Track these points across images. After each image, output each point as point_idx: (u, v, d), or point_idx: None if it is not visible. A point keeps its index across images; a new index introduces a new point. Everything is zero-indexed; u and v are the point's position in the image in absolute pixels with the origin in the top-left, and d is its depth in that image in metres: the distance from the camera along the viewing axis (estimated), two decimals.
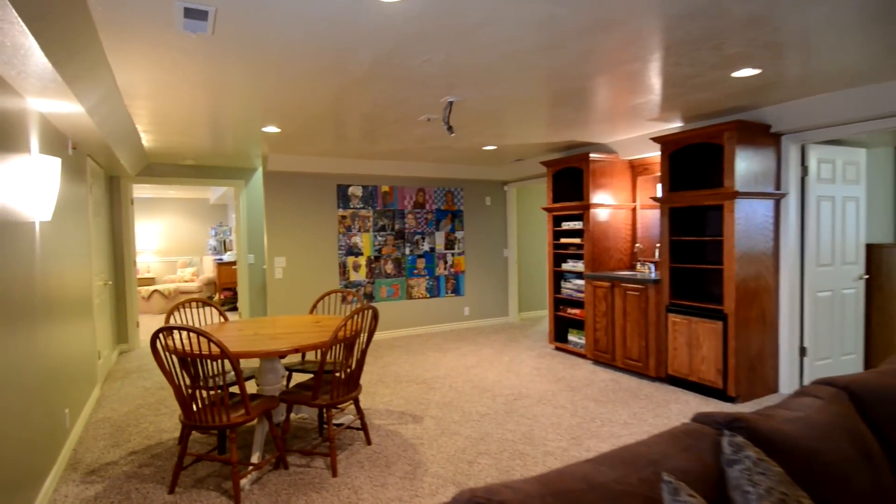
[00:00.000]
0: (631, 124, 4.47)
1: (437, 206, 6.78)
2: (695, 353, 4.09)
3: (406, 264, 6.57)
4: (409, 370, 4.93)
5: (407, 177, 6.51)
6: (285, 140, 4.87)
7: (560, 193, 5.62)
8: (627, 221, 5.29)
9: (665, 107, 3.86)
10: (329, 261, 6.12)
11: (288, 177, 5.87)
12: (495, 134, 4.76)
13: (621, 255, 5.26)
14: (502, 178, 7.09)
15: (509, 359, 5.27)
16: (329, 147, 5.28)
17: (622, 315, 4.66)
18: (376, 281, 6.38)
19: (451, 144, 5.23)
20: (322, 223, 6.07)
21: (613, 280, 4.73)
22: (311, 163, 5.83)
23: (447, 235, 6.86)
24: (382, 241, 6.41)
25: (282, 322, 3.55)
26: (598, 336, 4.92)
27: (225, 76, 2.91)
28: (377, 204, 6.37)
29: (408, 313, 6.63)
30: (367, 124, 4.21)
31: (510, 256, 7.35)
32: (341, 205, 6.16)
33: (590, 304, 5.02)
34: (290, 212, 5.91)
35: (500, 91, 3.28)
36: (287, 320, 3.62)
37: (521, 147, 5.55)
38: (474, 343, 6.05)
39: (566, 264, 5.47)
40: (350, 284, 6.23)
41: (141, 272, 10.63)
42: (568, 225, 5.40)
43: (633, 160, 5.24)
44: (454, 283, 6.94)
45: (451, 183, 6.90)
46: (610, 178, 5.15)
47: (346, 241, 6.19)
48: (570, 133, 4.83)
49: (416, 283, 6.65)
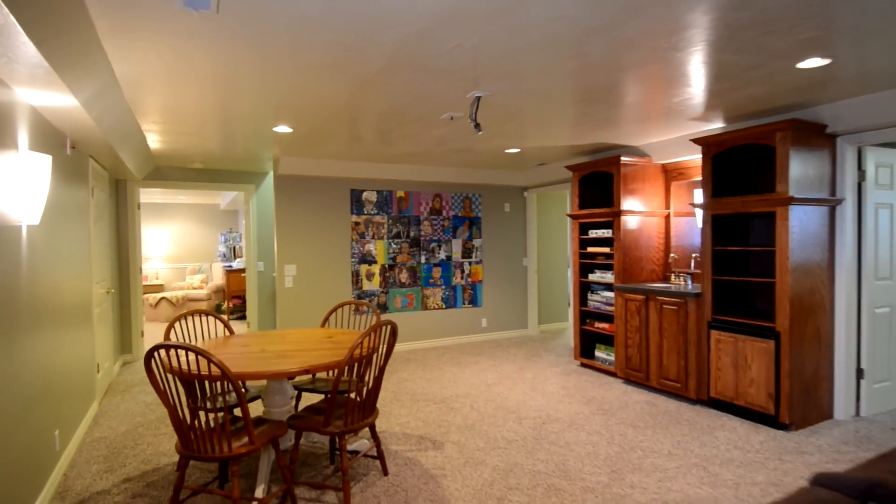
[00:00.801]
0: (666, 125, 4.14)
1: (454, 213, 6.48)
2: (742, 374, 3.72)
3: (421, 273, 6.27)
4: (426, 387, 4.61)
5: (423, 181, 6.22)
6: (297, 141, 4.60)
7: (587, 199, 5.29)
8: (660, 230, 4.94)
9: (711, 104, 3.53)
10: (341, 269, 5.83)
11: (299, 181, 5.61)
12: (520, 135, 4.46)
13: (654, 266, 4.91)
14: (522, 183, 6.78)
15: (532, 376, 4.92)
16: (343, 149, 5.01)
17: (658, 331, 4.30)
18: (390, 290, 6.08)
19: (472, 147, 4.93)
20: (334, 230, 5.80)
21: (648, 293, 4.37)
22: (324, 166, 5.57)
23: (464, 243, 6.56)
24: (397, 248, 6.12)
25: (291, 337, 3.25)
26: (630, 353, 4.56)
27: (232, 66, 2.64)
28: (392, 210, 6.08)
29: (423, 325, 6.31)
30: (385, 123, 3.92)
31: (530, 266, 7.02)
32: (355, 210, 5.88)
33: (620, 318, 4.66)
34: (301, 217, 5.64)
35: (532, 85, 2.97)
36: (297, 335, 3.32)
37: (545, 150, 5.24)
38: (493, 357, 5.71)
39: (593, 275, 5.13)
40: (363, 294, 5.93)
41: (149, 279, 10.44)
42: (595, 233, 5.06)
43: (666, 164, 4.90)
44: (471, 294, 6.61)
45: (468, 188, 6.60)
46: (642, 183, 4.82)
47: (359, 249, 5.91)
48: (599, 134, 4.51)
49: (432, 293, 6.34)
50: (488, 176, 6.55)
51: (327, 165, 5.58)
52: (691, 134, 4.43)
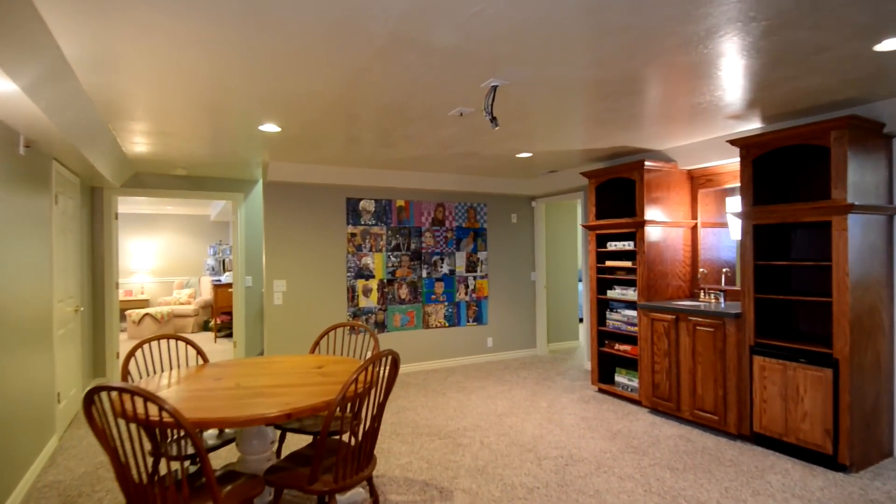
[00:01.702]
0: (694, 126, 3.73)
1: (457, 224, 6.03)
2: (792, 406, 3.25)
3: (423, 289, 5.80)
4: (429, 418, 4.11)
5: (425, 190, 5.78)
6: (288, 144, 4.16)
7: (604, 209, 4.85)
8: (686, 242, 4.50)
9: (755, 100, 3.11)
10: (336, 284, 5.36)
11: (290, 188, 5.16)
12: (534, 137, 4.03)
13: (679, 282, 4.46)
14: (530, 192, 6.35)
15: (547, 404, 4.44)
16: (338, 154, 4.57)
17: (690, 355, 3.83)
18: (389, 307, 5.60)
19: (480, 150, 4.50)
20: (329, 242, 5.34)
21: (678, 312, 3.91)
22: (318, 172, 5.12)
23: (468, 256, 6.10)
24: (396, 262, 5.65)
25: (274, 367, 2.77)
26: (658, 380, 4.08)
27: (207, 46, 2.20)
28: (391, 220, 5.63)
29: (424, 345, 5.83)
30: (386, 121, 3.49)
31: (538, 281, 6.56)
32: (351, 221, 5.43)
33: (645, 340, 4.20)
34: (292, 228, 5.18)
35: (558, 71, 2.54)
36: (281, 364, 2.84)
37: (559, 155, 4.81)
38: (502, 381, 5.22)
39: (612, 291, 4.67)
40: (359, 312, 5.45)
41: (134, 294, 9.92)
42: (615, 245, 4.62)
43: (692, 170, 4.47)
44: (476, 311, 6.14)
45: (473, 197, 6.16)
46: (666, 190, 4.38)
47: (355, 262, 5.44)
48: (621, 136, 4.09)
49: (434, 309, 5.87)
50: (494, 184, 6.12)
51: (321, 172, 5.13)
52: (724, 136, 4.02)
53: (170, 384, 2.41)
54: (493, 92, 2.55)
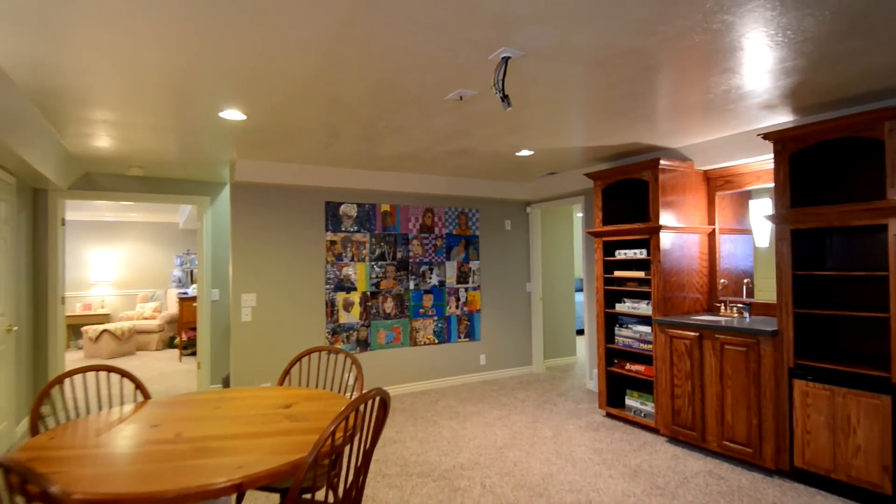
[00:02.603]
0: (713, 120, 3.32)
1: (447, 231, 5.54)
2: (842, 439, 2.81)
3: (410, 302, 5.27)
4: (420, 452, 3.57)
5: (413, 193, 5.27)
6: (256, 138, 3.62)
7: (612, 214, 4.41)
8: (703, 249, 4.08)
9: (803, 82, 2.70)
10: (313, 298, 4.80)
11: (261, 190, 4.60)
12: (541, 130, 3.57)
13: (696, 294, 4.02)
14: (525, 197, 5.90)
15: (552, 432, 3.93)
16: (314, 151, 4.04)
17: (717, 378, 3.38)
18: (373, 323, 5.06)
19: (477, 148, 4.02)
20: (305, 250, 4.78)
21: (702, 329, 3.47)
22: (292, 172, 4.58)
23: (460, 266, 5.60)
24: (381, 272, 5.12)
25: (232, 404, 2.22)
26: (679, 406, 3.62)
27: (152, 10, 1.68)
28: (375, 227, 5.11)
29: (412, 364, 5.28)
30: (371, 107, 2.98)
31: (534, 292, 6.09)
32: (330, 227, 4.89)
33: (663, 360, 3.74)
34: (263, 235, 4.61)
35: (587, 37, 2.08)
36: (242, 400, 2.29)
37: (561, 154, 4.37)
38: (499, 405, 4.70)
39: (622, 304, 4.22)
40: (339, 328, 4.89)
41: (94, 308, 9.15)
42: (624, 254, 4.17)
43: (709, 171, 4.07)
44: (468, 325, 5.63)
45: (464, 202, 5.68)
46: (682, 193, 3.96)
47: (335, 273, 4.89)
48: (633, 131, 3.66)
49: (422, 325, 5.34)
50: (487, 188, 5.65)
51: (296, 172, 4.59)
52: (747, 132, 3.61)
53: (88, 434, 1.85)
54: (504, 65, 2.08)
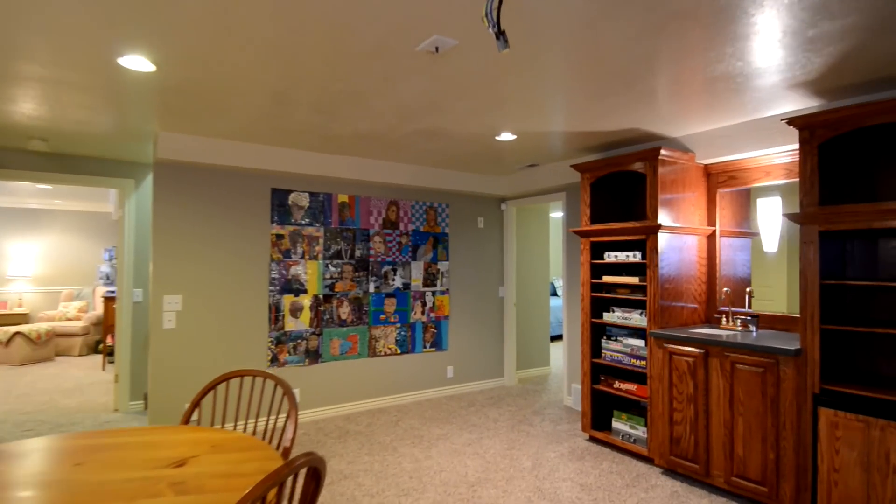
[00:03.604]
0: (717, 103, 2.85)
1: (414, 227, 4.92)
2: (878, 480, 2.37)
3: (369, 307, 4.62)
4: (376, 492, 2.94)
5: (375, 183, 4.63)
6: (180, 103, 2.91)
7: (600, 211, 3.91)
8: (702, 253, 3.62)
9: (849, 53, 2.24)
10: (254, 301, 4.08)
11: (192, 172, 3.86)
12: (528, 106, 3.01)
13: (695, 303, 3.56)
14: (500, 192, 5.35)
15: (531, 462, 3.38)
16: (256, 124, 3.35)
17: (726, 403, 2.90)
18: (325, 331, 4.38)
19: (451, 128, 3.43)
20: (245, 245, 4.06)
21: (709, 345, 2.99)
22: (231, 151, 3.85)
23: (427, 267, 4.99)
24: (337, 272, 4.45)
25: (105, 456, 1.54)
26: (678, 433, 3.13)
27: None
28: (331, 220, 4.44)
29: (370, 377, 4.64)
30: (323, 65, 2.34)
31: (507, 297, 5.55)
32: (277, 218, 4.19)
33: (660, 379, 3.25)
34: (193, 226, 3.87)
35: None
36: (120, 450, 1.61)
37: (547, 140, 3.83)
38: (468, 426, 4.12)
39: (611, 314, 3.72)
40: (285, 336, 4.20)
41: (10, 306, 8.04)
42: (615, 256, 3.67)
43: (710, 165, 3.62)
44: (434, 333, 5.03)
45: (434, 196, 5.08)
46: (682, 189, 3.49)
47: (281, 273, 4.19)
48: (629, 115, 3.16)
49: (383, 333, 4.70)
50: (460, 180, 5.06)
51: (235, 151, 3.87)
52: (761, 119, 3.16)
53: None
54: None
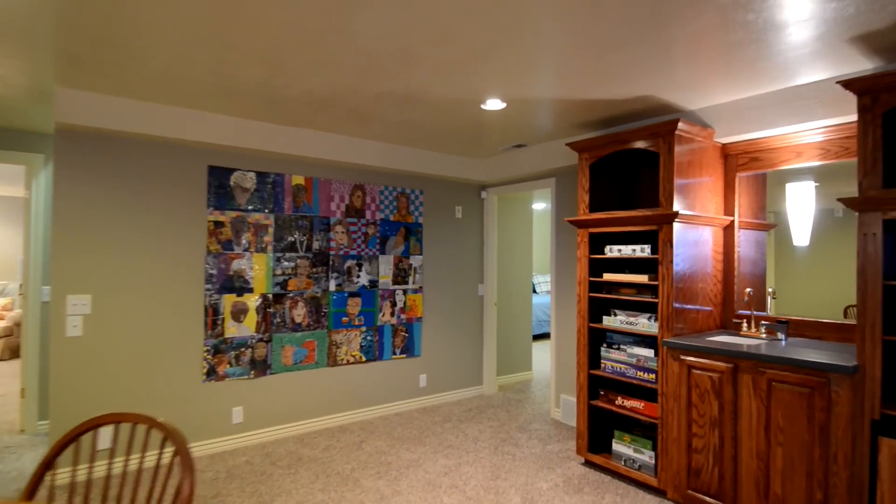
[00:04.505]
0: (741, 69, 2.32)
1: (383, 216, 4.28)
2: None
3: (330, 307, 3.97)
4: None
5: (337, 163, 3.96)
6: (85, 47, 2.18)
7: (600, 198, 3.36)
8: (717, 248, 3.11)
9: None
10: (185, 302, 3.38)
11: (102, 142, 3.11)
12: (520, 62, 2.41)
13: (709, 305, 3.05)
14: (481, 178, 4.75)
15: (521, 498, 2.81)
16: (183, 79, 2.65)
17: (761, 429, 2.39)
18: (276, 336, 3.71)
19: (428, 90, 2.80)
20: (174, 234, 3.35)
21: (739, 358, 2.46)
22: (154, 117, 3.12)
23: (397, 262, 4.37)
24: (290, 267, 3.78)
25: None
26: (699, 463, 2.61)
27: None
28: (283, 205, 3.76)
29: (330, 390, 3.99)
30: None
31: (487, 296, 4.97)
32: (215, 202, 3.48)
33: (675, 397, 2.72)
34: (104, 211, 3.13)
35: None
36: None
37: (542, 109, 3.25)
38: (444, 447, 3.53)
39: (612, 318, 3.18)
40: (225, 344, 3.51)
41: None
42: (619, 251, 3.13)
43: (729, 145, 3.10)
44: (406, 338, 4.41)
45: (406, 180, 4.44)
46: (698, 172, 2.97)
47: (221, 268, 3.50)
48: (641, 78, 2.60)
49: (346, 338, 4.06)
50: (436, 162, 4.44)
51: (159, 116, 3.14)
52: (798, 87, 2.65)
53: None
54: None
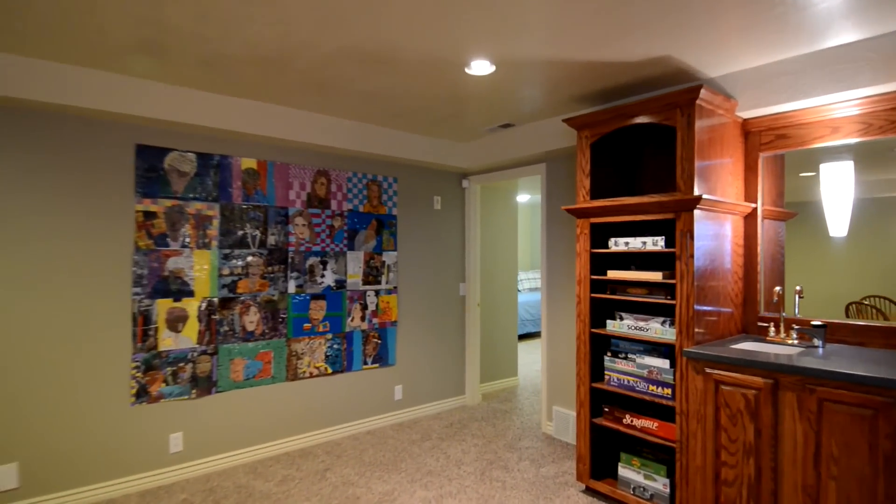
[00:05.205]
0: (774, 26, 1.89)
1: (351, 206, 3.75)
2: None
3: (289, 313, 3.42)
4: None
5: (296, 144, 3.41)
6: None
7: (602, 183, 2.91)
8: (737, 240, 2.69)
9: None
10: (108, 309, 2.79)
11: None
12: (512, 8, 1.92)
13: (730, 307, 2.63)
14: (462, 165, 4.26)
15: None
16: (95, 31, 2.07)
17: (808, 459, 1.96)
18: (223, 348, 3.14)
19: (402, 47, 2.28)
20: (92, 228, 2.75)
21: (779, 372, 2.04)
22: (63, 81, 2.51)
23: (368, 259, 3.84)
24: (240, 266, 3.22)
25: None
26: (729, 496, 2.18)
27: None
28: (231, 193, 3.19)
29: (290, 408, 3.44)
30: None
31: (470, 296, 4.49)
32: (146, 189, 2.90)
33: (699, 417, 2.28)
34: (1, 200, 2.52)
35: None
36: None
37: (538, 74, 2.77)
38: (423, 474, 3.03)
39: (618, 322, 2.73)
40: (159, 359, 2.93)
41: None
42: (624, 244, 2.68)
43: (751, 120, 2.68)
44: (378, 345, 3.90)
45: (378, 166, 3.92)
46: (719, 152, 2.53)
47: (153, 267, 2.92)
48: (657, 35, 2.14)
49: (309, 347, 3.52)
50: (411, 145, 3.92)
51: (69, 81, 2.53)
52: (841, 47, 2.23)
53: None
54: None
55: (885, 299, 2.29)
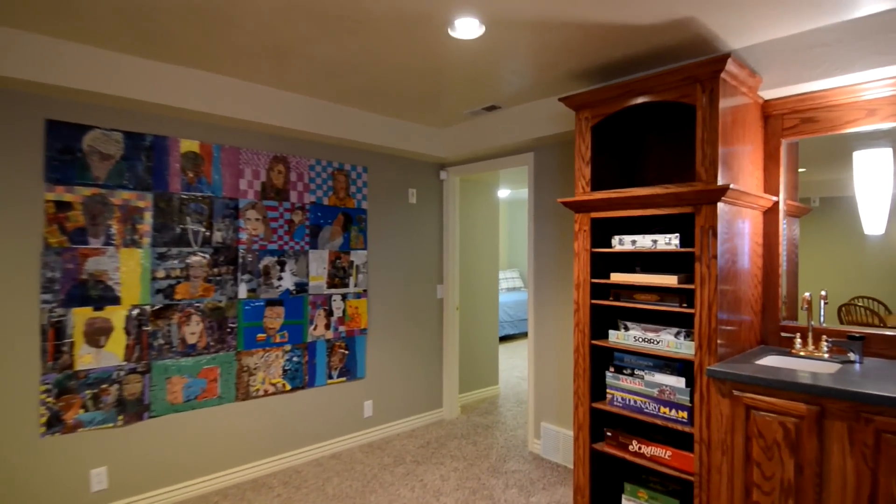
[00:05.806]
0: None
1: (314, 198, 3.29)
2: None
3: (240, 322, 2.94)
4: None
5: (248, 124, 2.92)
6: None
7: (603, 173, 2.54)
8: (756, 238, 2.36)
9: None
10: (10, 319, 2.27)
11: None
12: None
13: (750, 314, 2.30)
14: (439, 153, 3.84)
15: None
16: None
17: (863, 501, 1.63)
18: (157, 365, 2.65)
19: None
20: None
21: (825, 398, 1.70)
22: None
23: (334, 258, 3.39)
24: (179, 268, 2.73)
25: None
26: None
27: None
28: (167, 180, 2.69)
29: (240, 433, 2.97)
30: None
31: (448, 298, 4.09)
32: (57, 174, 2.38)
33: (725, 448, 1.94)
34: None
35: None
36: None
37: (535, 38, 2.38)
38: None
39: (623, 333, 2.37)
40: (75, 381, 2.42)
41: None
42: (631, 242, 2.32)
43: (773, 101, 2.35)
44: (345, 356, 3.45)
45: (345, 153, 3.47)
46: (741, 137, 2.19)
47: (68, 269, 2.40)
48: None
49: (263, 360, 3.05)
50: (384, 130, 3.48)
51: None
52: (885, 14, 1.92)
53: None
54: None
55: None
